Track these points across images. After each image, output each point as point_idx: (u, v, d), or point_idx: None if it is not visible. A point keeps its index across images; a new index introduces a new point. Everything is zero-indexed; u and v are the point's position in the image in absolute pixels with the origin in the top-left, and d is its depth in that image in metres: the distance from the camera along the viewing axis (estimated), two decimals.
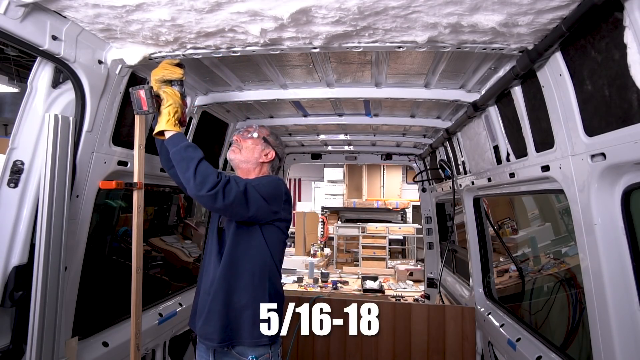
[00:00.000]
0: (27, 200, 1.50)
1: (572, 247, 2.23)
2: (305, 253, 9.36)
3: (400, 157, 4.26)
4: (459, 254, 3.99)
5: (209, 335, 1.71)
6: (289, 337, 3.23)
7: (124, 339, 2.01)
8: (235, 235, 1.73)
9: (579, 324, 1.99)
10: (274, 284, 1.76)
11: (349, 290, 6.71)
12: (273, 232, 1.76)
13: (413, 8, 1.29)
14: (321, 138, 3.69)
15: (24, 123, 1.49)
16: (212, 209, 1.64)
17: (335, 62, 2.05)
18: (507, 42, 1.52)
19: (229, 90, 2.47)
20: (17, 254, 1.49)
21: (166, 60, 1.71)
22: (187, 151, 1.58)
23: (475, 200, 3.04)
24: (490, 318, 2.71)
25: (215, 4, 1.31)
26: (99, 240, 2.18)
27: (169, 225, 3.06)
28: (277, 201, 1.75)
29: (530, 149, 1.82)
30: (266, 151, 1.91)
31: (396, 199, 10.94)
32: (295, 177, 14.40)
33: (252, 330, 1.67)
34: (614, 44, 1.16)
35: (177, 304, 2.67)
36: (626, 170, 1.30)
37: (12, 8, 1.25)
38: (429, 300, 4.60)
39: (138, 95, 1.65)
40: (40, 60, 1.48)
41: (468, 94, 2.30)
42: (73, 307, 1.77)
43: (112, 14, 1.38)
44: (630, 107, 1.14)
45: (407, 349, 3.12)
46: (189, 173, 1.54)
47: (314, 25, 1.43)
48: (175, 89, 1.73)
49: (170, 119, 1.65)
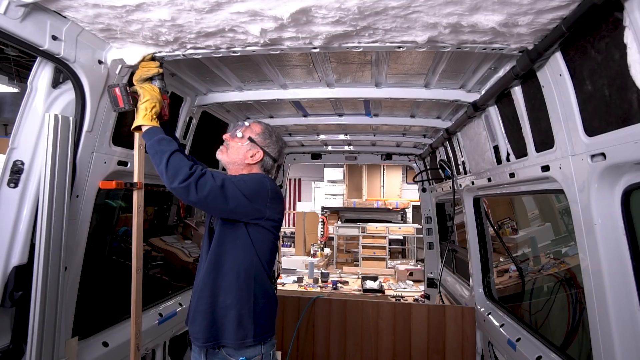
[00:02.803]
0: (27, 200, 1.50)
1: (572, 247, 2.23)
2: (305, 253, 9.37)
3: (400, 157, 4.26)
4: (459, 254, 3.99)
5: (195, 335, 1.72)
6: (289, 337, 3.23)
7: (124, 339, 2.01)
8: (220, 234, 1.71)
9: (579, 324, 2.00)
10: (261, 284, 1.72)
11: (349, 290, 6.72)
12: (259, 232, 1.72)
13: (413, 8, 1.29)
14: (321, 138, 3.69)
15: (24, 123, 1.49)
16: (188, 202, 1.62)
17: (335, 62, 2.05)
18: (507, 42, 1.52)
19: (229, 90, 2.47)
20: (17, 254, 1.49)
21: (144, 60, 1.72)
22: (161, 144, 1.59)
23: (475, 200, 3.04)
24: (490, 318, 2.71)
25: (215, 4, 1.31)
26: (99, 240, 2.18)
27: (169, 225, 3.06)
28: (261, 199, 1.69)
29: (530, 149, 1.82)
30: (252, 152, 1.84)
31: (396, 199, 10.95)
32: (295, 177, 14.42)
33: (236, 331, 1.66)
34: (614, 44, 1.16)
35: (177, 304, 2.67)
36: (626, 170, 1.30)
37: (12, 8, 1.25)
38: (429, 300, 4.60)
39: (114, 93, 1.66)
40: (40, 60, 1.48)
41: (468, 94, 2.30)
42: (73, 307, 1.77)
43: (112, 14, 1.38)
44: (630, 107, 1.14)
45: (407, 349, 3.13)
46: (162, 166, 1.55)
47: (314, 25, 1.43)
48: (155, 84, 1.74)
49: (147, 114, 1.65)
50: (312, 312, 3.25)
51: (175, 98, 2.29)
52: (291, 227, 11.38)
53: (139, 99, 1.68)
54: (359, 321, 3.21)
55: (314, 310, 3.25)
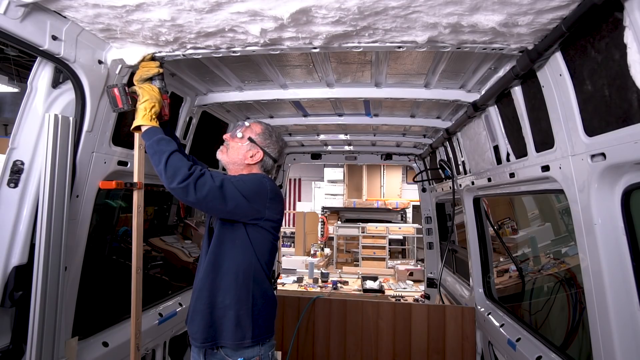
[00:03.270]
0: (27, 200, 1.50)
1: (572, 247, 2.23)
2: (305, 253, 9.37)
3: (400, 157, 4.27)
4: (459, 254, 3.99)
5: (194, 335, 1.72)
6: (289, 337, 3.23)
7: (124, 339, 2.01)
8: (219, 234, 1.71)
9: (579, 324, 1.99)
10: (259, 285, 1.72)
11: (349, 290, 6.72)
12: (258, 232, 1.71)
13: (413, 8, 1.29)
14: (321, 138, 3.69)
15: (24, 123, 1.49)
16: (186, 202, 1.61)
17: (335, 62, 2.05)
18: (507, 42, 1.52)
19: (229, 90, 2.47)
20: (17, 254, 1.49)
21: (144, 60, 1.72)
22: (160, 144, 1.58)
23: (475, 200, 3.04)
24: (490, 318, 2.71)
25: (215, 4, 1.31)
26: (99, 240, 2.18)
27: (169, 225, 3.06)
28: (260, 199, 1.69)
29: (530, 149, 1.82)
30: (252, 152, 1.83)
31: (396, 199, 10.95)
32: (295, 177, 14.41)
33: (234, 332, 1.65)
34: (614, 44, 1.16)
35: (177, 304, 2.67)
36: (626, 170, 1.30)
37: (12, 8, 1.25)
38: (429, 300, 4.60)
39: (112, 94, 1.66)
40: (40, 60, 1.48)
41: (468, 94, 2.30)
42: (73, 307, 1.77)
43: (112, 14, 1.38)
44: (630, 107, 1.14)
45: (407, 349, 3.13)
46: (161, 166, 1.54)
47: (314, 25, 1.43)
48: (155, 84, 1.74)
49: (147, 114, 1.65)
50: (312, 312, 3.25)
51: (175, 98, 2.29)
52: (291, 227, 11.38)
53: (138, 99, 1.68)
54: (359, 321, 3.21)
55: (314, 310, 3.25)
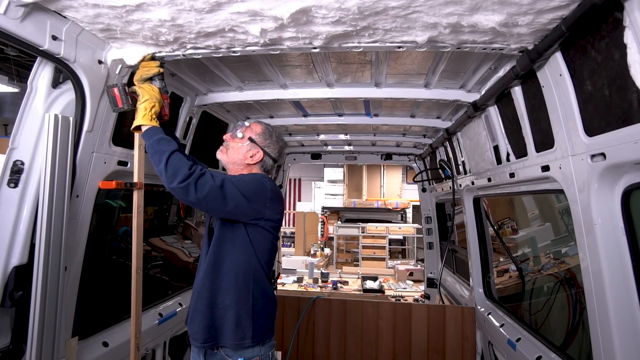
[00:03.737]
0: (27, 200, 1.50)
1: (572, 247, 2.23)
2: (305, 253, 9.37)
3: (400, 157, 4.27)
4: (459, 254, 3.99)
5: (194, 335, 1.72)
6: (289, 337, 3.23)
7: (124, 339, 2.01)
8: (219, 234, 1.71)
9: (579, 324, 1.99)
10: (260, 285, 1.72)
11: (349, 290, 6.72)
12: (259, 232, 1.71)
13: (413, 8, 1.29)
14: (321, 138, 3.69)
15: (24, 123, 1.49)
16: (187, 202, 1.61)
17: (335, 62, 2.05)
18: (507, 42, 1.52)
19: (229, 90, 2.47)
20: (17, 254, 1.49)
21: (144, 60, 1.72)
22: (160, 144, 1.58)
23: (475, 200, 3.04)
24: (490, 318, 2.71)
25: (215, 4, 1.31)
26: (99, 240, 2.18)
27: (169, 225, 3.06)
28: (260, 199, 1.68)
29: (530, 149, 1.82)
30: (252, 152, 1.83)
31: (396, 199, 10.95)
32: (295, 177, 14.42)
33: (235, 332, 1.65)
34: (614, 44, 1.16)
35: (177, 304, 2.67)
36: (626, 170, 1.30)
37: (12, 8, 1.25)
38: (429, 300, 4.60)
39: (112, 93, 1.66)
40: (40, 60, 1.48)
41: (468, 94, 2.30)
42: (73, 307, 1.77)
43: (112, 14, 1.38)
44: (630, 107, 1.14)
45: (407, 349, 3.13)
46: (161, 166, 1.54)
47: (314, 25, 1.43)
48: (155, 84, 1.74)
49: (147, 114, 1.65)
50: (312, 312, 3.25)
51: (175, 98, 2.29)
52: (291, 227, 11.38)
53: (138, 99, 1.68)
54: (359, 321, 3.21)
55: (314, 310, 3.25)
